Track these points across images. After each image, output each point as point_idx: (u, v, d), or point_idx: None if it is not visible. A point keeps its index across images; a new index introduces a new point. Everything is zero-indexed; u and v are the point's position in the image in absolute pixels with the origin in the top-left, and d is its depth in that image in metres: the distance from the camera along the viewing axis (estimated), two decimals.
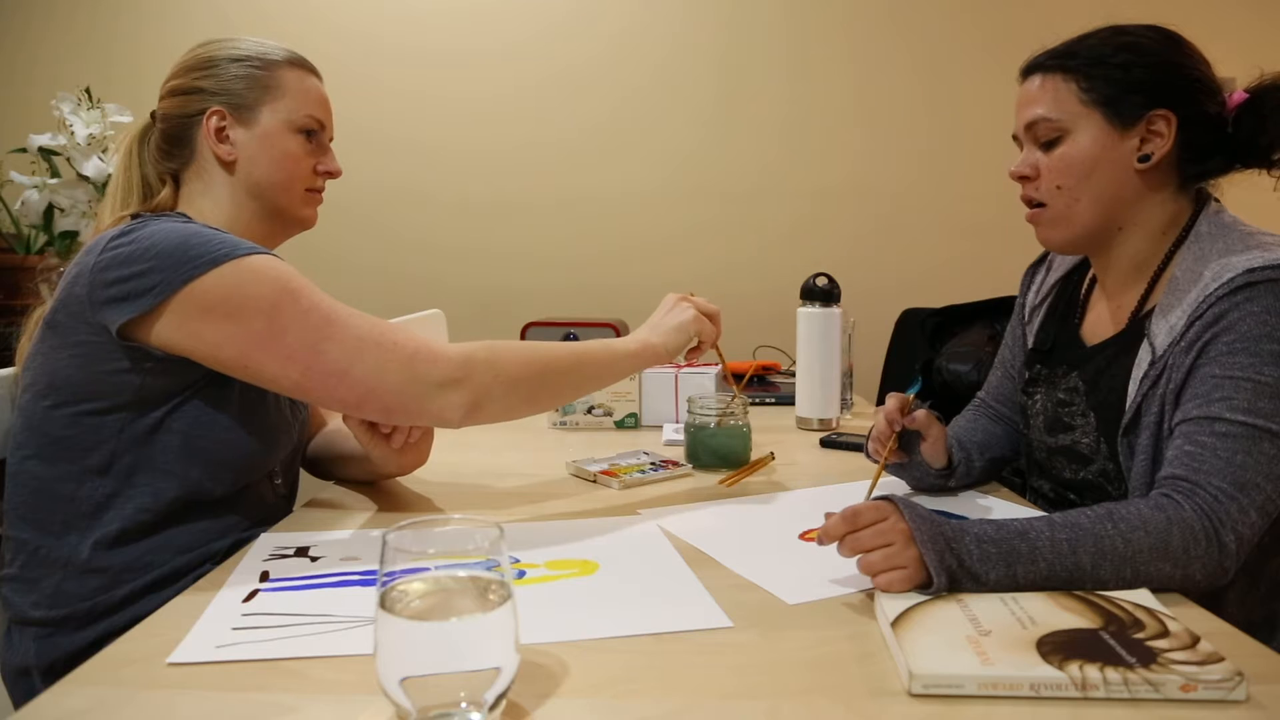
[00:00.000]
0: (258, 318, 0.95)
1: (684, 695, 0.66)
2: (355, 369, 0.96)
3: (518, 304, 2.69)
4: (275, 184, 1.13)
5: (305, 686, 0.67)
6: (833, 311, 1.58)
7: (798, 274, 1.65)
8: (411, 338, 0.99)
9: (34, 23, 2.81)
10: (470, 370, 0.99)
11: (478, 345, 1.01)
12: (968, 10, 2.73)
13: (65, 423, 0.99)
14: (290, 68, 1.15)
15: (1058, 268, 1.22)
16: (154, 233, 0.97)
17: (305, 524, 1.06)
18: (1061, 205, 1.05)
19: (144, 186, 1.14)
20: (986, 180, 2.75)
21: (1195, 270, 0.98)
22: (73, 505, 0.99)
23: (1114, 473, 1.04)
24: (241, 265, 0.96)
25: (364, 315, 0.99)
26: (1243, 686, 0.63)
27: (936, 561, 0.79)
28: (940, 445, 1.14)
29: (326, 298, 0.99)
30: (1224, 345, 0.91)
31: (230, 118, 1.11)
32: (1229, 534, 0.84)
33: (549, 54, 2.79)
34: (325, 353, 0.96)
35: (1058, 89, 1.03)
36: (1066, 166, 1.03)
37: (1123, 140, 1.01)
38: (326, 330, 0.96)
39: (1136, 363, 1.00)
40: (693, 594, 0.84)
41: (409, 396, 0.98)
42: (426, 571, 0.60)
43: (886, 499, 0.85)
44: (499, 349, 1.02)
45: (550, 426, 1.61)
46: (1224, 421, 0.88)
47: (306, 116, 1.15)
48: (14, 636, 1.00)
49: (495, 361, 1.01)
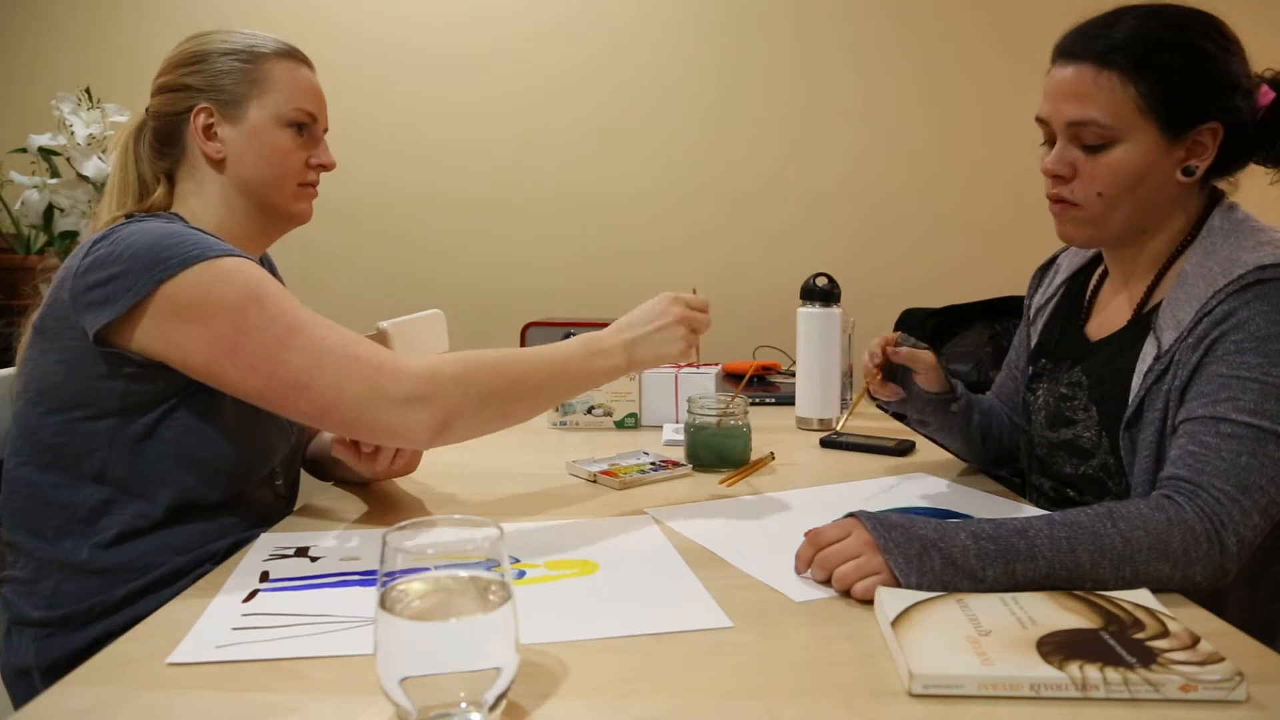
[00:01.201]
0: (224, 322, 0.93)
1: (684, 695, 0.66)
2: (317, 382, 0.93)
3: (518, 304, 2.69)
4: (265, 181, 1.11)
5: (305, 686, 0.67)
6: (833, 311, 1.58)
7: (798, 274, 1.65)
8: (377, 352, 0.95)
9: (34, 23, 2.80)
10: (437, 386, 0.94)
11: (447, 359, 0.98)
12: (968, 10, 2.73)
13: (57, 429, 0.99)
14: (278, 59, 1.12)
15: (1065, 269, 1.22)
16: (130, 234, 0.96)
17: (305, 524, 1.06)
18: (1097, 211, 1.00)
19: (140, 186, 1.12)
20: (987, 180, 2.76)
21: (1205, 266, 0.96)
22: (68, 511, 0.99)
23: (1114, 467, 1.04)
24: (212, 267, 0.94)
25: (332, 326, 0.96)
26: (1243, 687, 0.63)
27: (905, 564, 0.80)
28: (934, 374, 1.18)
29: (295, 305, 0.96)
30: (1232, 344, 0.90)
31: (218, 114, 1.09)
32: (1230, 536, 0.83)
33: (549, 54, 2.79)
34: (287, 363, 0.93)
35: (1114, 91, 0.95)
36: (1114, 176, 0.97)
37: (1170, 153, 0.97)
38: (289, 339, 0.93)
39: (1141, 356, 0.99)
40: (693, 594, 0.84)
41: (371, 413, 0.94)
42: (426, 571, 0.60)
43: (851, 516, 0.87)
44: (469, 363, 0.98)
45: (550, 426, 1.61)
46: (1229, 422, 0.87)
47: (295, 110, 1.11)
48: (14, 637, 1.00)
49: (464, 377, 0.96)
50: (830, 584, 0.84)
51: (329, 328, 0.96)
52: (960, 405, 1.21)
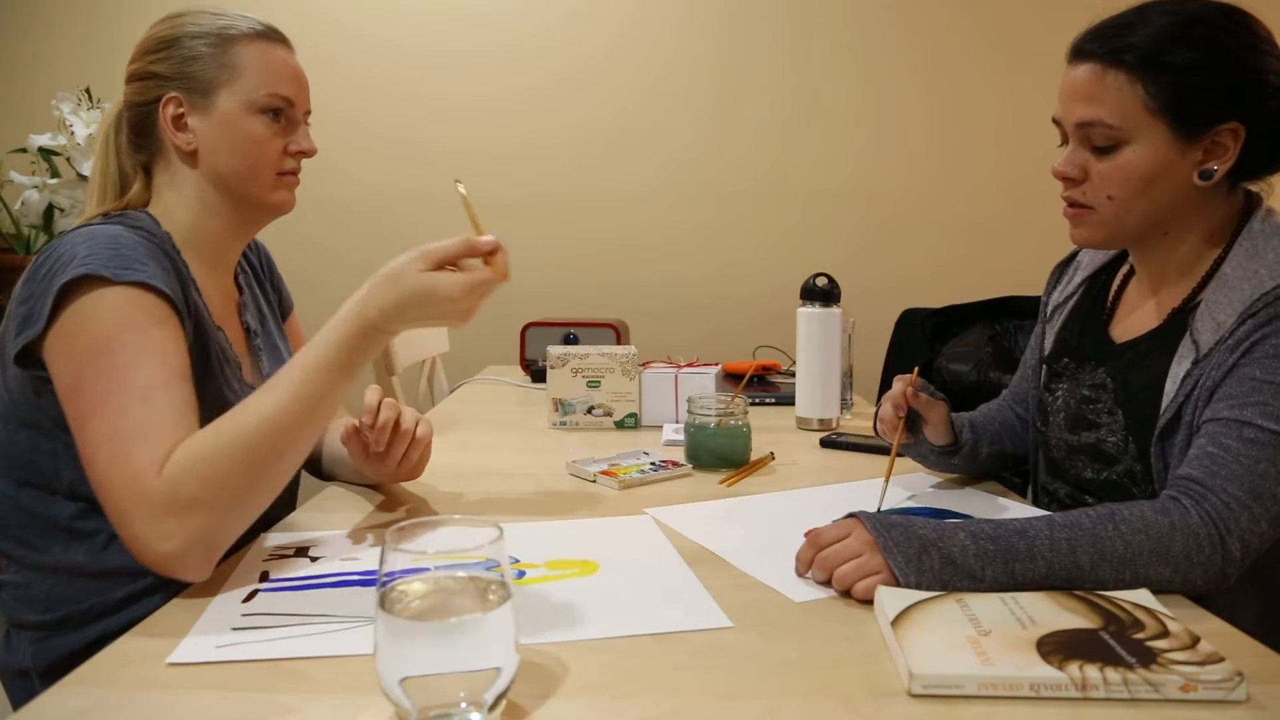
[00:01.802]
0: (74, 363, 0.87)
1: (684, 695, 0.66)
2: (93, 464, 0.84)
3: (518, 304, 2.69)
4: (239, 173, 1.05)
5: (305, 686, 0.67)
6: (833, 311, 1.58)
7: (798, 274, 1.65)
8: (150, 454, 0.82)
9: (34, 23, 2.80)
10: (176, 489, 0.81)
11: (184, 470, 0.82)
12: (969, 9, 2.73)
13: (25, 446, 0.97)
14: (250, 41, 1.04)
15: (1086, 266, 1.18)
16: (63, 248, 0.91)
17: (305, 524, 1.06)
18: (1110, 214, 0.97)
19: (120, 181, 1.08)
20: (987, 180, 2.76)
21: (1250, 268, 0.93)
22: (49, 522, 0.98)
23: (1141, 474, 1.00)
24: (91, 299, 0.88)
25: (150, 403, 0.85)
26: (1243, 687, 0.63)
27: (904, 564, 0.80)
28: (943, 426, 1.15)
29: (139, 367, 0.86)
30: (1270, 348, 0.87)
31: (187, 104, 1.03)
32: (1235, 542, 0.82)
33: (549, 55, 2.79)
34: (84, 430, 0.85)
35: (1122, 90, 0.92)
36: (1124, 179, 0.95)
37: (1184, 155, 0.93)
38: (97, 407, 0.85)
39: (1177, 359, 0.95)
40: (693, 594, 0.84)
41: (122, 530, 0.83)
42: (426, 572, 0.60)
43: (851, 516, 0.87)
44: (201, 466, 0.82)
45: (550, 426, 1.61)
46: (1254, 427, 0.85)
47: (268, 95, 1.04)
48: (12, 640, 1.00)
49: (200, 462, 0.82)
50: (831, 584, 0.84)
51: (142, 405, 0.84)
52: (964, 454, 1.17)
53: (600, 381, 1.59)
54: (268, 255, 1.30)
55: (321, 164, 1.25)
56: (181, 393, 0.88)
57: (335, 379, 0.88)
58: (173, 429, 0.85)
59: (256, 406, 0.85)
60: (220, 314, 1.10)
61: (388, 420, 1.06)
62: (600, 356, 1.59)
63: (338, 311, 0.89)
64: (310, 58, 1.18)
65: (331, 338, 0.88)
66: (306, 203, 1.59)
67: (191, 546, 0.82)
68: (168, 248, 1.00)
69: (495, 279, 0.91)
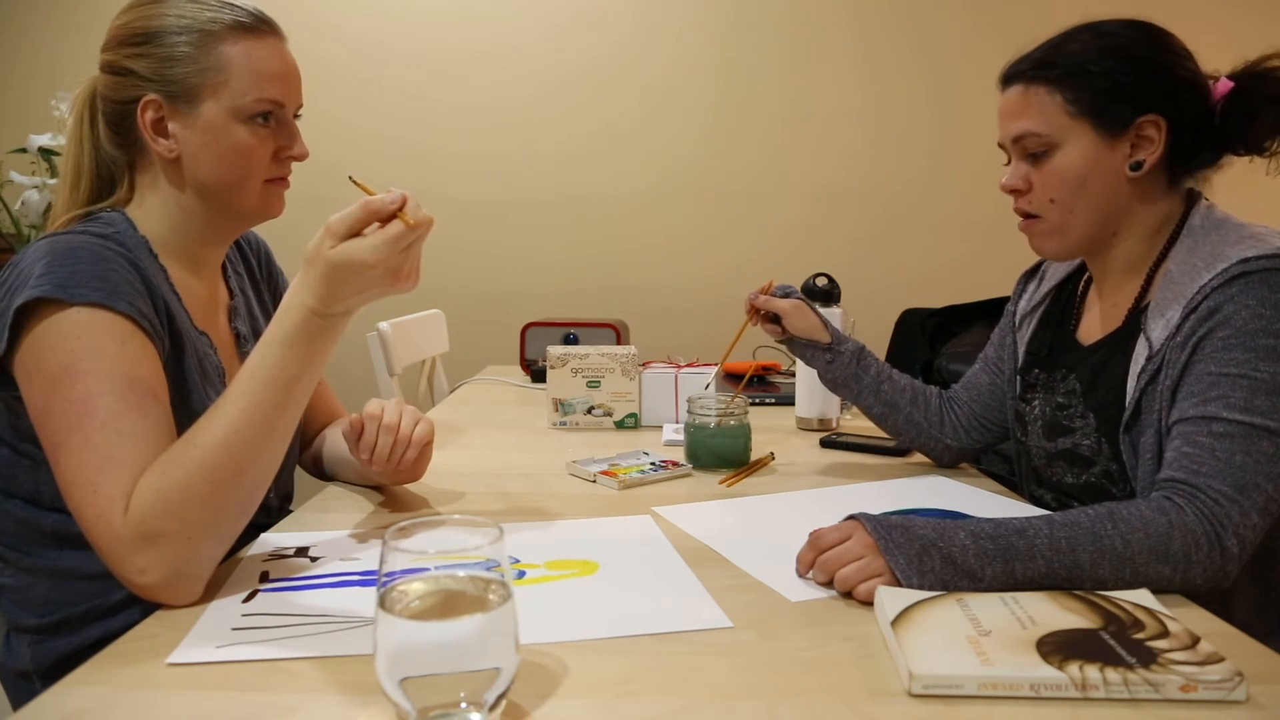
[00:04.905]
0: (39, 388, 0.85)
1: (684, 695, 0.66)
2: (69, 499, 0.83)
3: (518, 304, 2.69)
4: (225, 184, 0.98)
5: (305, 686, 0.67)
6: (833, 311, 1.57)
7: (798, 274, 1.65)
8: (117, 487, 0.80)
9: (34, 23, 2.81)
10: (143, 525, 0.79)
11: (141, 497, 0.80)
12: (968, 9, 2.73)
13: (6, 461, 0.97)
14: (236, 38, 0.96)
15: (1051, 276, 1.22)
16: (28, 260, 0.88)
17: (305, 524, 1.06)
18: (1056, 218, 1.03)
19: (95, 176, 1.02)
20: (987, 180, 2.74)
21: (1190, 263, 0.97)
22: (39, 531, 0.97)
23: (1118, 473, 1.03)
24: (48, 324, 0.85)
25: (118, 431, 0.82)
26: (1243, 687, 0.63)
27: (905, 564, 0.80)
28: (797, 319, 1.26)
29: (104, 394, 0.83)
30: (1219, 341, 0.90)
31: (167, 109, 0.96)
32: (1231, 538, 0.83)
33: (549, 55, 2.79)
34: (56, 464, 0.84)
35: (1042, 101, 1.01)
36: (1060, 181, 1.01)
37: (1113, 149, 1.00)
38: (66, 438, 0.83)
39: (1134, 358, 0.99)
40: (693, 594, 0.84)
41: (100, 554, 0.82)
42: (426, 571, 0.60)
43: (852, 518, 0.87)
44: (158, 498, 0.80)
45: (550, 427, 1.60)
46: (1221, 421, 0.88)
47: (256, 100, 0.96)
48: (12, 642, 1.00)
49: (161, 494, 0.80)
50: (833, 586, 0.84)
51: (107, 436, 0.82)
52: (844, 362, 1.26)
53: (600, 381, 1.59)
54: (266, 250, 1.25)
55: (321, 165, 1.25)
56: (150, 414, 0.85)
57: (291, 378, 0.83)
58: (141, 456, 0.82)
59: (212, 425, 0.82)
60: (204, 318, 1.06)
61: (373, 414, 1.05)
62: (600, 356, 1.59)
63: (277, 309, 0.85)
64: (312, 60, 1.17)
65: (276, 335, 0.83)
66: (306, 204, 1.59)
67: (170, 577, 0.80)
68: (141, 253, 0.96)
69: (411, 227, 0.83)
